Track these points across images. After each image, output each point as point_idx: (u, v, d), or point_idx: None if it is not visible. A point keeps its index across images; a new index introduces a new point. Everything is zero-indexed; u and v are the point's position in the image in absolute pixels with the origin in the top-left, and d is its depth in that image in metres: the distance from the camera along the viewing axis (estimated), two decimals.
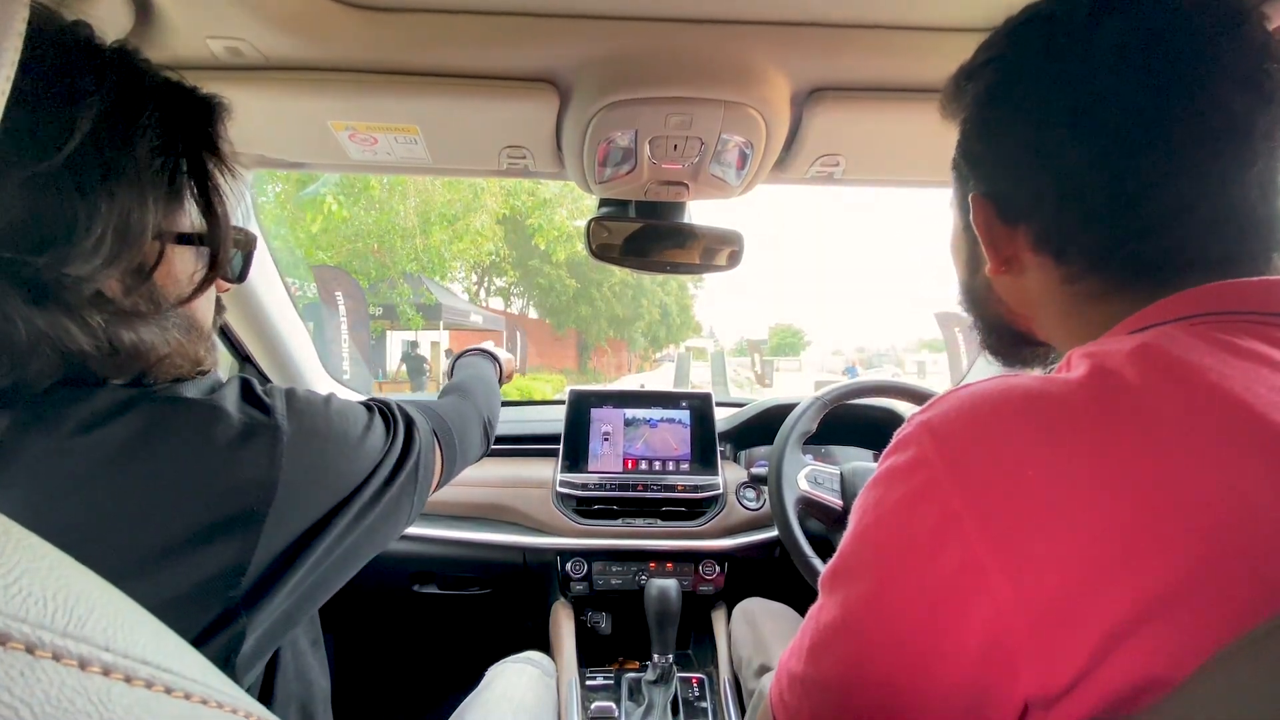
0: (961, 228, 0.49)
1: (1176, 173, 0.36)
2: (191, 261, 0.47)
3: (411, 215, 9.34)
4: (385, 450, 0.54)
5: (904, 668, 0.33)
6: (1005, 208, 0.43)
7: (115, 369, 0.41)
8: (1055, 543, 0.28)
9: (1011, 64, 0.42)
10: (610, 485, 1.26)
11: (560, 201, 10.50)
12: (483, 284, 19.43)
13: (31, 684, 0.16)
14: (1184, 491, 0.28)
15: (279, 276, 1.27)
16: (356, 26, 0.67)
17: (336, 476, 0.48)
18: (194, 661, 0.21)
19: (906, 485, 0.34)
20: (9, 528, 0.19)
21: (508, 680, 0.95)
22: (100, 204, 0.38)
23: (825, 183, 0.97)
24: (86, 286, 0.38)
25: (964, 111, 0.46)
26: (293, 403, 0.47)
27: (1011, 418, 0.32)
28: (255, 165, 1.00)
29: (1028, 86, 0.40)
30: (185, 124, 0.45)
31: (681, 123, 0.76)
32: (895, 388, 1.15)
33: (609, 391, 1.40)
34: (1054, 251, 0.41)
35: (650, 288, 27.03)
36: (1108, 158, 0.37)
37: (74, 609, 0.18)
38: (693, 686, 1.13)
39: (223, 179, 0.48)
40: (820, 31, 0.67)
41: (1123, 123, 0.36)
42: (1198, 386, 0.30)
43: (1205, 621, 0.26)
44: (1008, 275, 0.44)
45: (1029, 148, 0.40)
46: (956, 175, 0.48)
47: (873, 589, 0.35)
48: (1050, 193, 0.40)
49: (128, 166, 0.39)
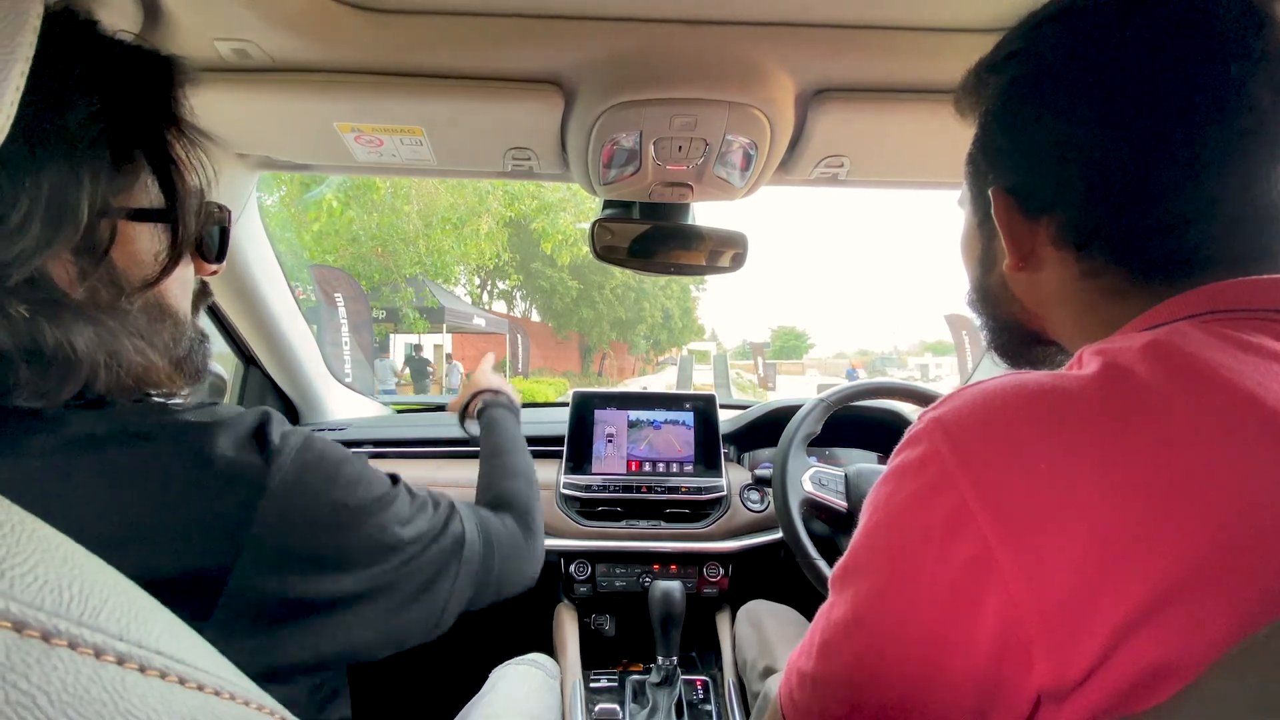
0: (976, 224, 0.49)
1: (1205, 169, 0.36)
2: (154, 240, 0.43)
3: (415, 219, 9.37)
4: (402, 533, 0.49)
5: (917, 662, 0.33)
6: (1028, 201, 0.42)
7: (37, 382, 0.35)
8: (1068, 536, 0.29)
9: (1038, 57, 0.41)
10: (614, 487, 1.25)
11: (564, 205, 10.53)
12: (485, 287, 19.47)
13: (48, 671, 0.16)
14: (1195, 485, 0.28)
15: (284, 278, 1.27)
16: (362, 28, 0.67)
17: (329, 545, 0.43)
18: (206, 653, 0.21)
19: (918, 480, 0.34)
20: (23, 519, 0.19)
21: (512, 682, 0.94)
22: (23, 179, 0.33)
23: (830, 184, 0.97)
24: (12, 272, 0.34)
25: (984, 105, 0.46)
26: (302, 452, 0.43)
27: (1023, 412, 0.33)
28: (261, 167, 1.00)
29: (1056, 80, 0.40)
30: (135, 89, 0.40)
31: (686, 124, 0.77)
32: (899, 389, 1.15)
33: (612, 393, 1.40)
34: (1076, 245, 0.41)
35: (652, 291, 27.06)
36: (1138, 151, 0.37)
37: (89, 598, 0.18)
38: (697, 689, 1.12)
39: (184, 150, 0.44)
40: (825, 32, 0.67)
41: (1154, 117, 0.36)
42: (1209, 382, 0.30)
43: (1216, 612, 0.26)
44: (1025, 271, 0.44)
45: (1056, 140, 0.40)
46: (972, 170, 0.48)
47: (884, 584, 0.35)
48: (1078, 185, 0.40)
49: (55, 136, 0.35)
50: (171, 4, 0.61)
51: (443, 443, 1.40)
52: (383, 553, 0.47)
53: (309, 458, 0.43)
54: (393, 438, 1.41)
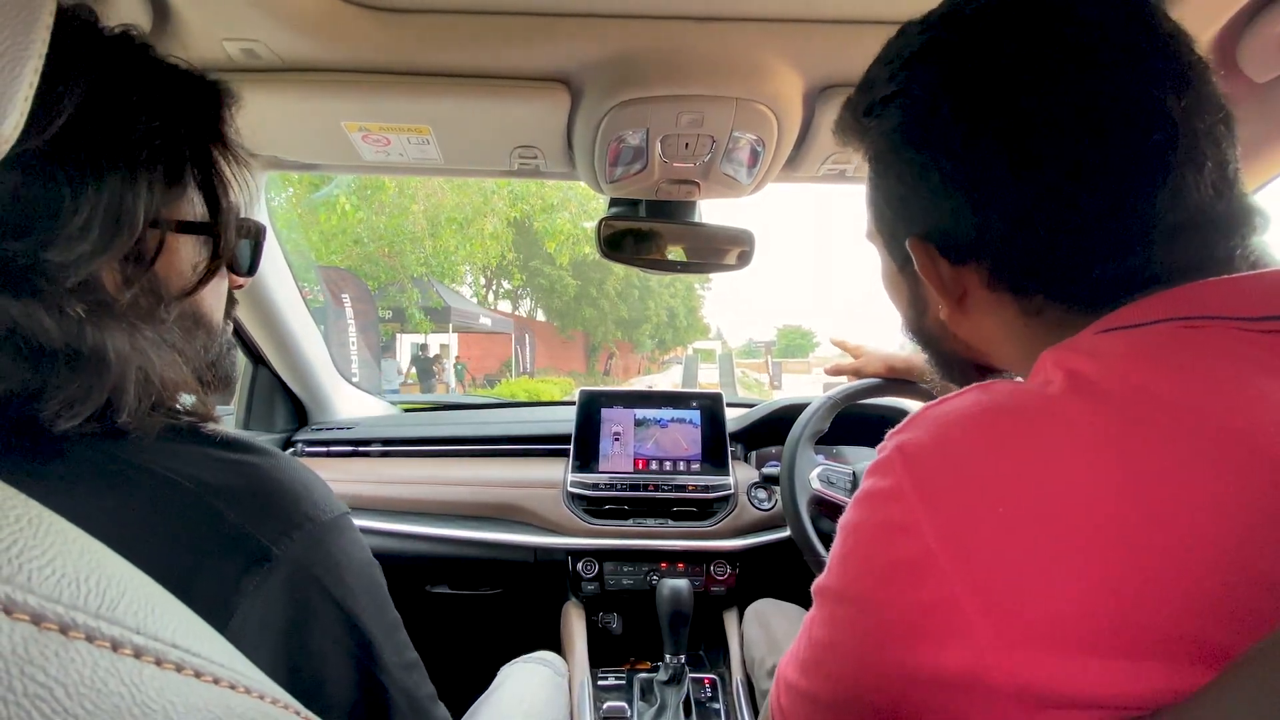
0: (897, 269, 0.45)
1: (1131, 191, 0.33)
2: (195, 251, 0.45)
3: (420, 219, 9.40)
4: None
5: (890, 692, 0.32)
6: (948, 247, 0.39)
7: (68, 386, 0.35)
8: (1036, 578, 0.27)
9: (919, 100, 0.38)
10: (621, 485, 1.25)
11: (565, 205, 10.56)
12: (490, 287, 19.52)
13: (66, 665, 0.16)
14: (1170, 514, 0.26)
15: (293, 279, 1.28)
16: (370, 28, 0.67)
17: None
18: (221, 647, 0.21)
19: (883, 513, 0.33)
20: (40, 512, 0.19)
21: (519, 680, 0.94)
22: (87, 187, 0.36)
23: (837, 180, 0.97)
24: (71, 274, 0.36)
25: (870, 149, 0.43)
26: (328, 536, 0.41)
27: (984, 443, 0.31)
28: (269, 167, 1.00)
29: (946, 123, 0.36)
30: (189, 110, 0.44)
31: (693, 121, 0.76)
32: (906, 387, 1.14)
33: (619, 392, 1.39)
34: (1011, 287, 0.38)
35: (657, 290, 27.03)
36: (1054, 187, 0.34)
37: (106, 591, 0.18)
38: (705, 687, 1.12)
39: (228, 167, 0.47)
40: (833, 28, 0.67)
41: (1063, 148, 0.34)
42: (1186, 400, 0.29)
43: (1196, 657, 0.25)
44: (962, 314, 0.41)
45: (963, 185, 0.37)
46: (876, 215, 0.45)
47: (856, 614, 0.34)
48: (997, 228, 0.37)
49: (119, 150, 0.38)
50: (180, 4, 0.61)
51: (449, 441, 1.40)
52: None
53: (330, 547, 0.42)
54: (400, 436, 1.42)
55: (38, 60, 0.25)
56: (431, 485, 1.28)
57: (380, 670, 0.43)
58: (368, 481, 1.29)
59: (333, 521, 0.42)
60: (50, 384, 0.35)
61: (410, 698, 0.45)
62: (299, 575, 0.39)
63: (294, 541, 0.39)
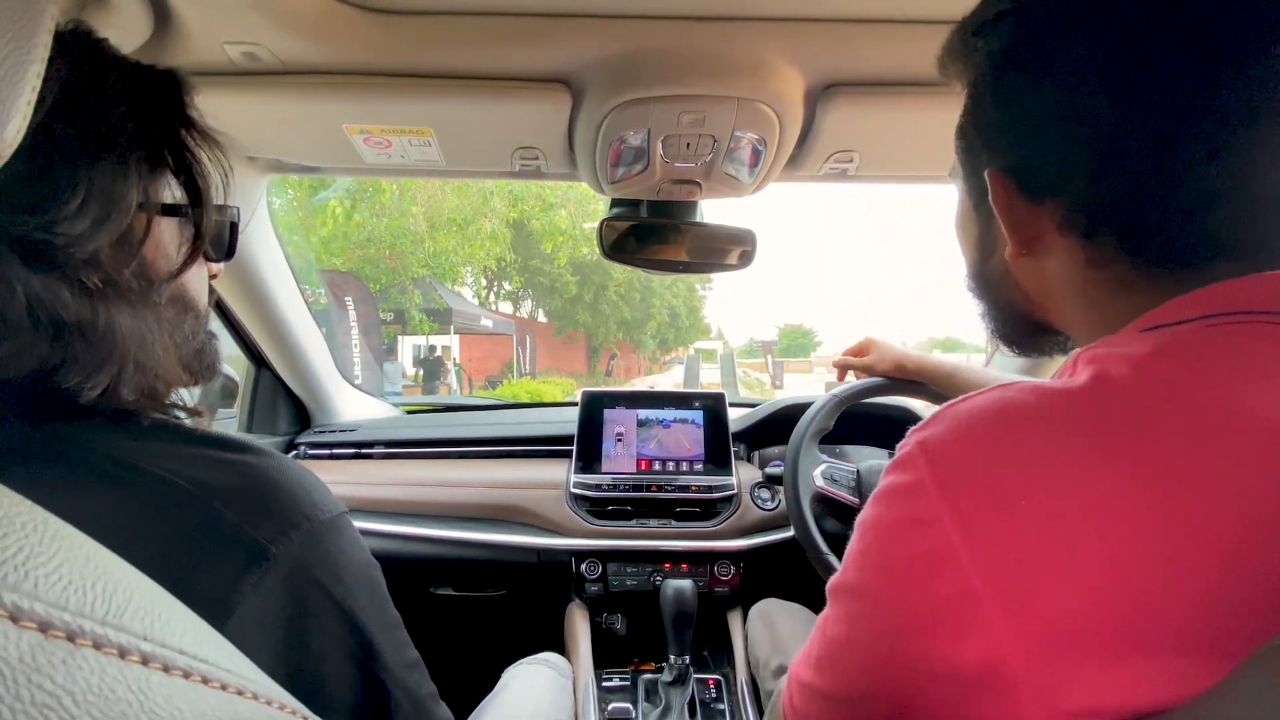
0: (972, 206, 0.45)
1: (1224, 150, 0.32)
2: (177, 234, 0.46)
3: (420, 220, 9.41)
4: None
5: (906, 687, 0.32)
6: (1029, 182, 0.39)
7: (84, 359, 0.37)
8: (1053, 575, 0.28)
9: (1033, 18, 0.37)
10: (624, 486, 1.25)
11: (564, 204, 10.57)
12: (491, 288, 19.52)
13: (73, 672, 0.16)
14: (1192, 516, 0.26)
15: (294, 281, 1.28)
16: (371, 30, 0.67)
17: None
18: (228, 652, 0.21)
19: (903, 508, 0.33)
20: (46, 519, 0.19)
21: (524, 682, 0.94)
22: (80, 168, 0.37)
23: (839, 180, 0.97)
24: (79, 249, 0.37)
25: (972, 73, 0.41)
26: (327, 535, 0.41)
27: (1006, 439, 0.31)
28: (271, 170, 1.01)
29: (1056, 45, 0.36)
30: (153, 97, 0.44)
31: (694, 121, 0.76)
32: (910, 385, 1.14)
33: (622, 392, 1.39)
34: (1082, 231, 0.37)
35: (659, 290, 26.99)
36: (1152, 126, 0.33)
37: (113, 598, 0.18)
38: (709, 688, 1.12)
39: (199, 150, 0.47)
40: (834, 26, 0.67)
41: (1170, 89, 0.32)
42: (1209, 398, 0.29)
43: (1213, 652, 0.25)
44: (1029, 258, 0.41)
45: (1059, 114, 0.36)
46: (964, 147, 0.44)
47: (873, 610, 0.34)
48: (1084, 163, 0.36)
49: (104, 133, 0.39)
50: (181, 8, 0.61)
51: (452, 443, 1.40)
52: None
53: (328, 546, 0.42)
54: (402, 438, 1.42)
55: (40, 65, 0.25)
56: (434, 487, 1.28)
57: (381, 669, 0.43)
58: (370, 483, 1.29)
59: (331, 521, 0.42)
60: (69, 357, 0.36)
61: (412, 696, 0.46)
62: (297, 574, 0.39)
63: (292, 541, 0.39)
